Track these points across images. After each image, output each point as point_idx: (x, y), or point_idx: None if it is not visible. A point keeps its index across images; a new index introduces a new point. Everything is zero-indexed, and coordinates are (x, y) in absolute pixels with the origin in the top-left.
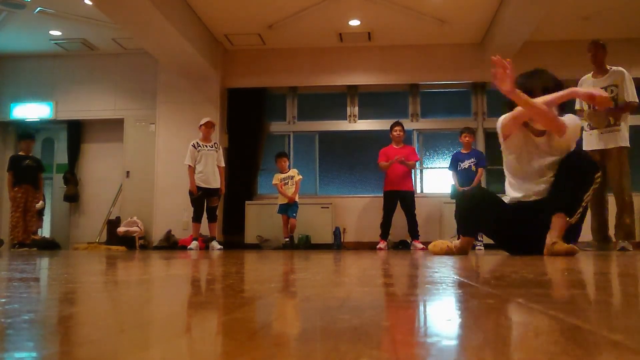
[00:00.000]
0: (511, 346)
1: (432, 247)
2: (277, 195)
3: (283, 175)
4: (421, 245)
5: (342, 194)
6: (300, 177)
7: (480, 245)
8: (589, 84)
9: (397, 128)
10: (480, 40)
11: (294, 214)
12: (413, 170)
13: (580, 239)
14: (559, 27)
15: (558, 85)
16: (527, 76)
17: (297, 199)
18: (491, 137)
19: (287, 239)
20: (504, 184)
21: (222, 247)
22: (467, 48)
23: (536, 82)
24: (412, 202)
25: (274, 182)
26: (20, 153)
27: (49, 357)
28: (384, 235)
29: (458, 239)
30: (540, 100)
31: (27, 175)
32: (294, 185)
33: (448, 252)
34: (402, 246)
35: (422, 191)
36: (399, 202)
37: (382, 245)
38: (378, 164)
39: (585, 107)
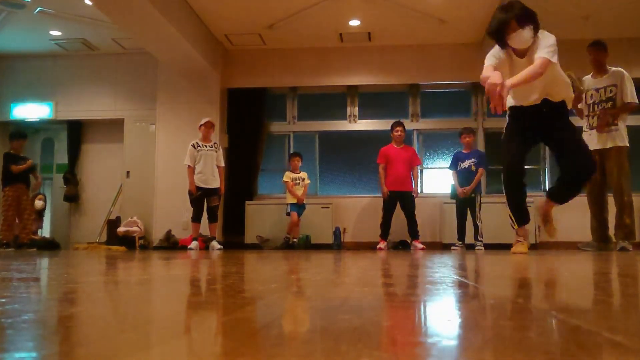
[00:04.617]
0: (511, 346)
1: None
2: (277, 195)
3: (294, 175)
4: (421, 245)
5: (342, 194)
6: (309, 181)
7: (480, 245)
8: (588, 84)
9: (398, 128)
10: (480, 40)
11: (300, 215)
12: (413, 171)
13: (580, 239)
14: (559, 27)
15: (528, 14)
16: (502, 10)
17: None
18: (491, 137)
19: (296, 239)
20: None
21: (222, 247)
22: (467, 48)
23: (510, 14)
24: (412, 203)
25: (284, 179)
26: (12, 152)
27: (49, 357)
28: (384, 235)
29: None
30: (523, 75)
31: (20, 174)
32: (304, 187)
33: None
34: (402, 246)
35: (422, 191)
36: (398, 202)
37: (382, 245)
38: (377, 164)
39: (585, 107)
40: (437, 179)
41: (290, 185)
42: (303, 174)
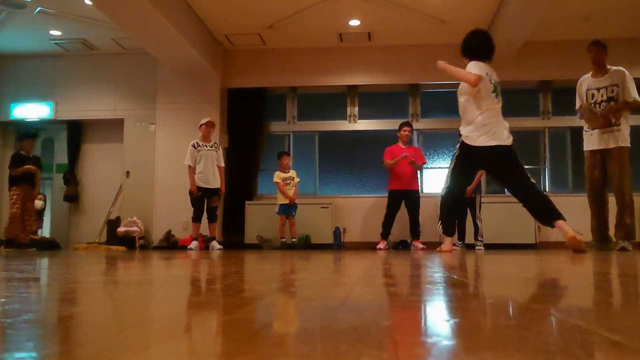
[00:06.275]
0: (511, 346)
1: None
2: (277, 195)
3: (285, 175)
4: (421, 245)
5: (342, 194)
6: (299, 179)
7: (480, 245)
8: (588, 84)
9: (406, 128)
10: None
11: (294, 213)
12: (418, 171)
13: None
14: (559, 27)
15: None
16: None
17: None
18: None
19: (295, 239)
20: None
21: (222, 247)
22: None
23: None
24: (418, 202)
25: (275, 180)
26: (22, 152)
27: (49, 357)
28: (385, 234)
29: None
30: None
31: (26, 175)
32: (295, 187)
33: None
34: (402, 246)
35: (422, 191)
36: (403, 201)
37: (381, 245)
38: (383, 162)
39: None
40: (437, 178)
41: (282, 186)
42: (292, 173)
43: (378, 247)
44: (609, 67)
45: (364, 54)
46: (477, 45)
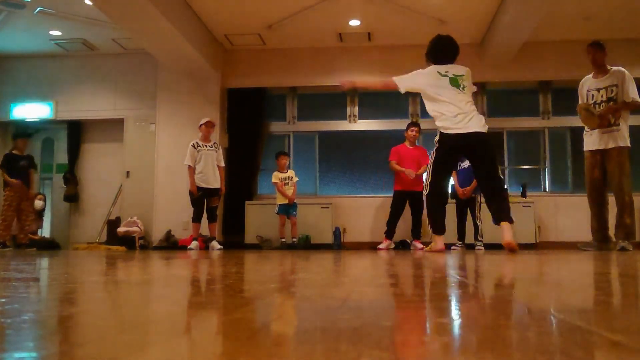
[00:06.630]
0: (511, 346)
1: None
2: (276, 194)
3: (283, 175)
4: (421, 245)
5: (342, 194)
6: (297, 178)
7: (480, 245)
8: (589, 85)
9: (414, 128)
10: (480, 40)
11: (295, 213)
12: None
13: (580, 239)
14: (559, 27)
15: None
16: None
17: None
18: (491, 136)
19: (295, 239)
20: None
21: (222, 247)
22: (467, 48)
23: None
24: (421, 203)
25: (273, 180)
26: (15, 152)
27: (49, 357)
28: (389, 234)
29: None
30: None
31: (20, 174)
32: (293, 186)
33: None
34: (402, 246)
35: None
36: (407, 201)
37: (382, 245)
38: (389, 161)
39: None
40: None
41: (280, 186)
42: (291, 172)
43: (379, 247)
44: (609, 67)
45: (364, 54)
46: (435, 50)
